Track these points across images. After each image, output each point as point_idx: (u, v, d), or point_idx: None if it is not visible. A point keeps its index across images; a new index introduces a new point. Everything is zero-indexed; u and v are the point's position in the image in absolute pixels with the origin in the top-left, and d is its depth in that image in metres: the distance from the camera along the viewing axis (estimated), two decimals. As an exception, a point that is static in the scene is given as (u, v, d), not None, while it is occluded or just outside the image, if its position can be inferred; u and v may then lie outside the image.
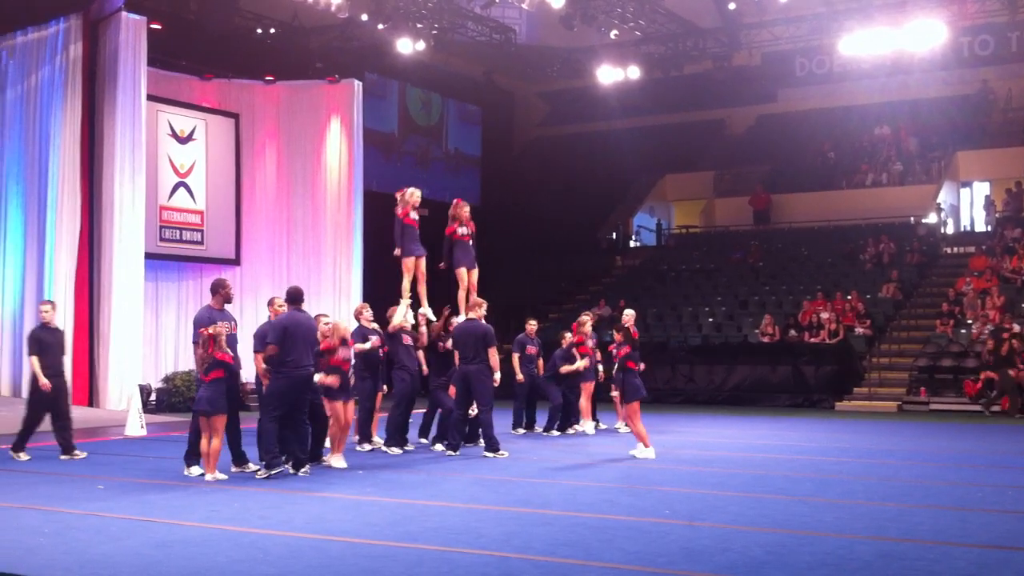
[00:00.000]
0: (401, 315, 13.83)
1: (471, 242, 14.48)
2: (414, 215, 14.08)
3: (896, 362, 23.27)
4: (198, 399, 10.97)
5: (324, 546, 7.62)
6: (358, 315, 14.06)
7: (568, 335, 16.78)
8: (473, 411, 13.67)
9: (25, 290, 20.26)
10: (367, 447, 13.73)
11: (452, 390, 13.78)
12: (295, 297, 11.52)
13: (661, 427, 17.55)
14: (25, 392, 19.69)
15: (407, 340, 13.89)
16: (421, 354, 14.42)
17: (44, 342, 12.68)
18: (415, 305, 14.28)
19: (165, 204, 22.41)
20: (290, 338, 11.03)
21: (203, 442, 10.96)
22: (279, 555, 7.30)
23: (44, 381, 12.54)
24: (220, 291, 11.48)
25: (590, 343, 16.79)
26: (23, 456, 12.62)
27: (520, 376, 16.20)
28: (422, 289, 14.28)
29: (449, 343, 13.98)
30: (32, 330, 13.14)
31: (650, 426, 17.48)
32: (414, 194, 14.16)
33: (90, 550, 7.47)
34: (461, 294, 14.19)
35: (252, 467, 11.39)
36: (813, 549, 7.49)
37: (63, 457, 12.73)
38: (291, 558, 7.22)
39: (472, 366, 13.23)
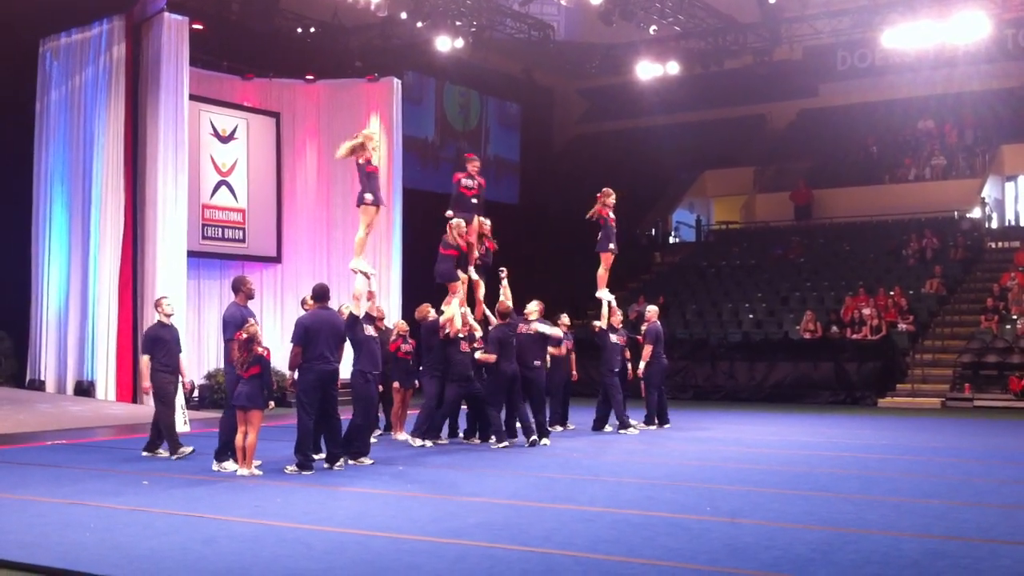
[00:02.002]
0: (452, 311, 13.88)
1: (479, 261, 15.02)
2: (462, 244, 14.39)
3: (940, 358, 23.02)
4: (236, 394, 11.13)
5: (367, 541, 7.67)
6: (423, 317, 14.28)
7: (598, 323, 16.60)
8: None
9: (70, 289, 20.50)
10: (419, 443, 13.82)
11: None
12: (320, 295, 11.70)
13: (702, 424, 17.52)
14: (70, 390, 20.20)
15: (465, 347, 14.02)
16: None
17: (161, 339, 12.57)
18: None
19: (207, 203, 22.60)
20: (312, 336, 11.23)
21: (239, 437, 11.10)
22: (323, 550, 7.36)
23: (146, 384, 12.47)
24: (243, 288, 11.95)
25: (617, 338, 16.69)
26: (186, 450, 12.53)
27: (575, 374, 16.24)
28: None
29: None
30: (150, 327, 12.88)
31: (691, 422, 17.52)
32: (460, 225, 14.34)
33: (137, 545, 7.55)
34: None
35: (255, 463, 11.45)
36: (858, 547, 7.43)
37: (145, 453, 12.68)
38: (335, 553, 7.27)
39: (533, 371, 14.21)
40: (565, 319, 16.56)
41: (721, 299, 27.83)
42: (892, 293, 24.65)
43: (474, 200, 14.80)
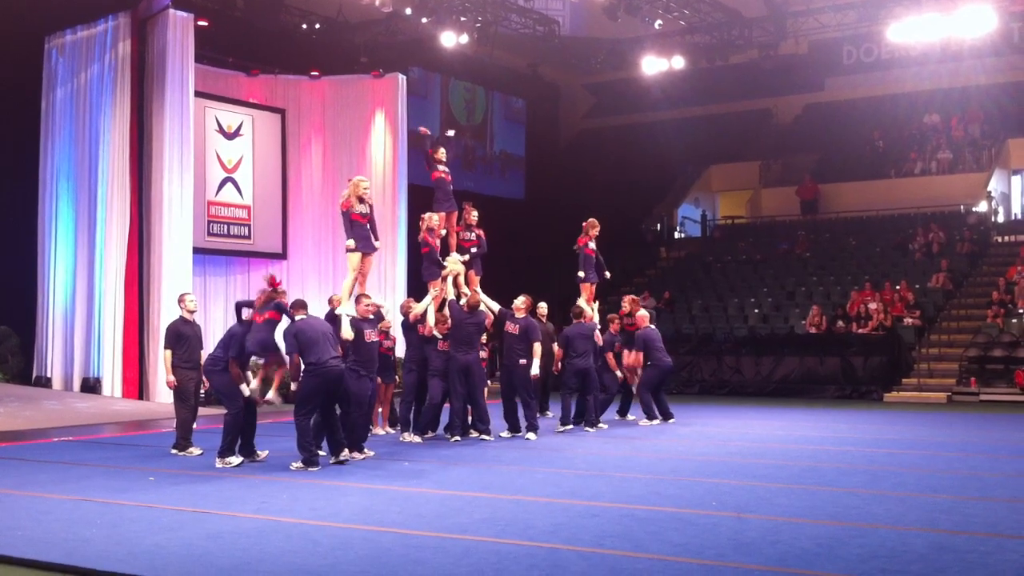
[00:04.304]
0: (422, 308, 13.99)
1: (475, 248, 15.23)
2: (431, 239, 14.49)
3: (946, 352, 23.00)
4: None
5: (374, 537, 7.67)
6: (406, 311, 14.38)
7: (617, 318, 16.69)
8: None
9: (76, 286, 20.55)
10: (407, 438, 13.93)
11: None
12: (302, 304, 11.71)
13: (708, 418, 17.52)
14: (76, 387, 20.24)
15: (444, 345, 14.10)
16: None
17: (183, 335, 12.53)
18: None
19: (213, 199, 22.63)
20: (305, 340, 11.19)
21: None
22: (330, 546, 7.36)
23: (170, 378, 12.45)
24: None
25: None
26: (195, 451, 12.46)
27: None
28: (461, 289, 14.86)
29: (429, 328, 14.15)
30: (172, 322, 12.85)
31: (697, 417, 17.52)
32: (432, 218, 14.57)
33: (143, 541, 7.56)
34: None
35: (260, 454, 11.81)
36: (865, 541, 7.42)
37: (174, 451, 12.59)
38: (341, 549, 7.28)
39: (517, 368, 14.37)
40: (543, 307, 16.39)
41: (727, 294, 27.81)
42: (898, 287, 24.61)
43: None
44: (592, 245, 16.31)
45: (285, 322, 11.61)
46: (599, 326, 16.14)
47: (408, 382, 14.29)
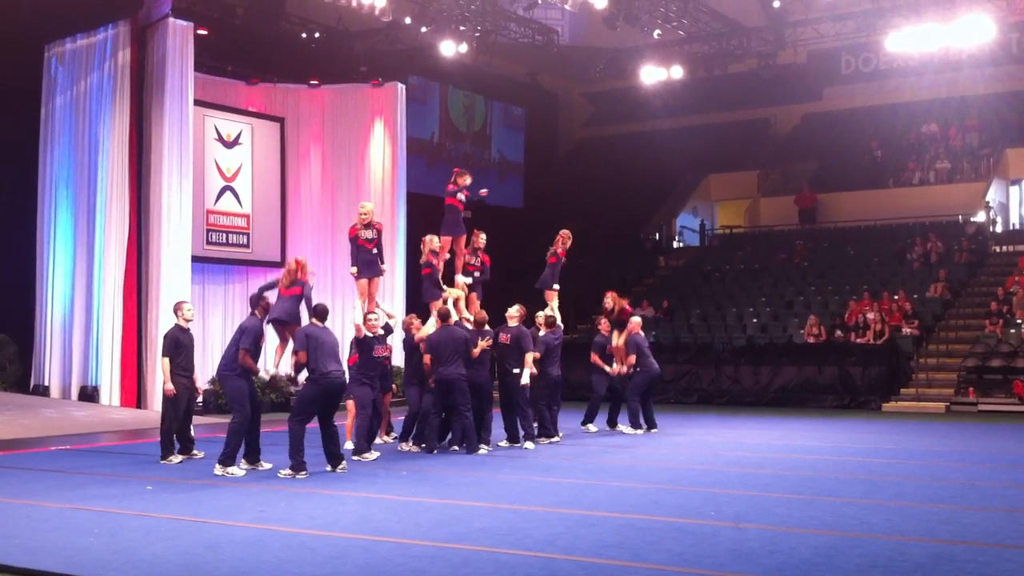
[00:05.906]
0: (424, 333, 14.05)
1: (478, 273, 15.30)
2: (435, 261, 14.63)
3: (944, 363, 22.98)
4: (274, 307, 11.98)
5: (372, 546, 7.67)
6: (408, 327, 14.40)
7: (604, 320, 16.77)
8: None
9: (75, 294, 20.51)
10: (406, 447, 13.95)
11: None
12: (322, 313, 11.89)
13: (706, 427, 17.53)
14: (74, 395, 20.21)
15: None
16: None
17: (181, 343, 12.59)
18: None
19: (212, 208, 22.61)
20: (315, 345, 11.37)
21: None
22: (328, 555, 7.36)
23: (169, 387, 12.43)
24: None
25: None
26: (174, 459, 12.50)
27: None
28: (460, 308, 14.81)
29: None
30: (170, 330, 12.90)
31: (695, 427, 17.52)
32: (433, 240, 14.68)
33: (140, 550, 7.55)
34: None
35: (265, 465, 11.88)
36: (863, 551, 7.42)
37: (163, 462, 12.60)
38: (339, 558, 7.27)
39: (508, 377, 14.38)
40: (540, 317, 15.89)
41: (725, 303, 27.80)
42: (896, 297, 24.60)
43: (466, 213, 15.22)
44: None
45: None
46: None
47: (411, 396, 14.23)
